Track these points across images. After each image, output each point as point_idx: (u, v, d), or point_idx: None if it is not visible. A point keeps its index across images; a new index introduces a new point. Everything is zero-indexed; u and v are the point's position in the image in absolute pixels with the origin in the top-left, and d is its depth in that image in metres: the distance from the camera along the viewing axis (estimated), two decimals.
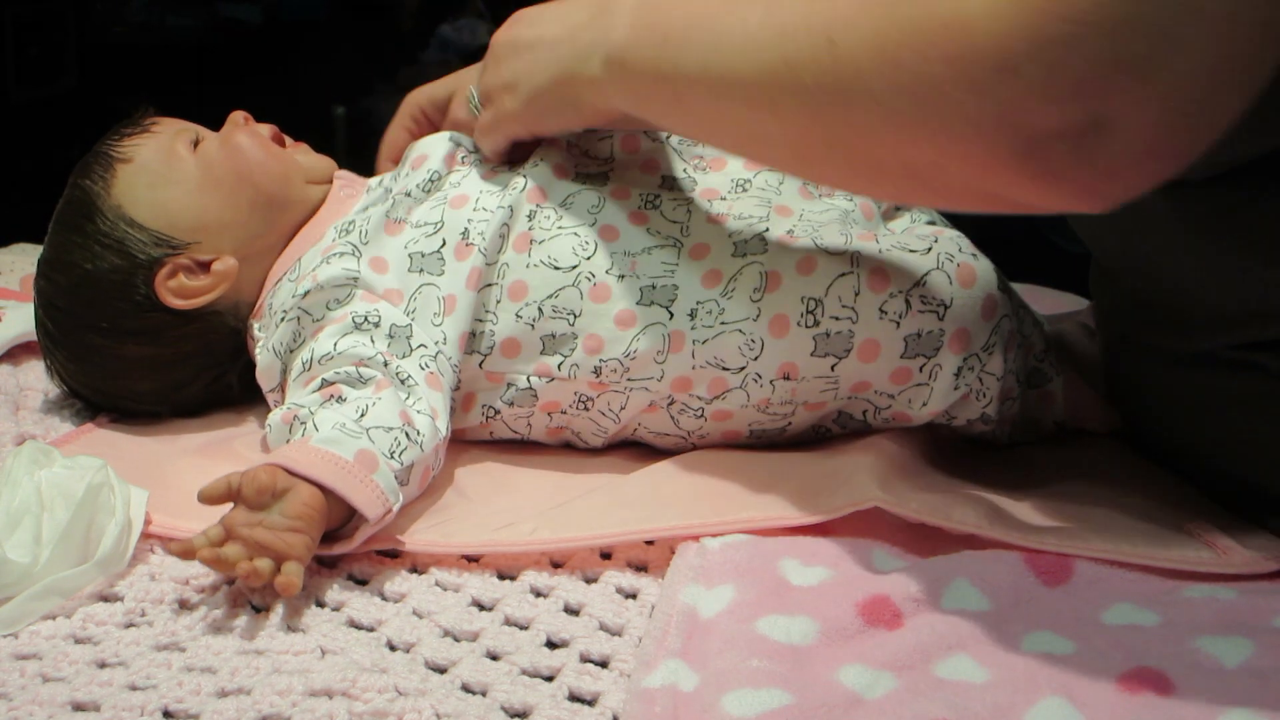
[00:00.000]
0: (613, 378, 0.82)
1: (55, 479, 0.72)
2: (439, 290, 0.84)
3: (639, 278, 0.82)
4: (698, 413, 0.83)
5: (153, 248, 0.89)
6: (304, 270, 0.87)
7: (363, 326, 0.82)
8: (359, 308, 0.83)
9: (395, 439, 0.74)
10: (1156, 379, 0.78)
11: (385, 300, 0.84)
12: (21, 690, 0.61)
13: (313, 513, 0.69)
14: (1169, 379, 0.77)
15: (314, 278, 0.85)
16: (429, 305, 0.84)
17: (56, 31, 2.65)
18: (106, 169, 0.91)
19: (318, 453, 0.71)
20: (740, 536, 0.72)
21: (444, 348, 0.83)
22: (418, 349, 0.82)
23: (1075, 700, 0.57)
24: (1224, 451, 0.74)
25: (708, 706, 0.57)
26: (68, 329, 0.91)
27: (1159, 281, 0.75)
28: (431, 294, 0.84)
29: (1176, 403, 0.77)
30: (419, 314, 0.84)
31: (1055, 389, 0.86)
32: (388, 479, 0.72)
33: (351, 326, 0.82)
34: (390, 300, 0.84)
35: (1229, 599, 0.65)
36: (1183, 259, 0.72)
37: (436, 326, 0.83)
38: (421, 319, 0.83)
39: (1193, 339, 0.73)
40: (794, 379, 0.80)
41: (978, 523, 0.71)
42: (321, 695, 0.60)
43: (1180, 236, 0.71)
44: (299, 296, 0.85)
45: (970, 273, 0.79)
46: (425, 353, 0.82)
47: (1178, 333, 0.75)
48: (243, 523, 0.68)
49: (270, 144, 0.94)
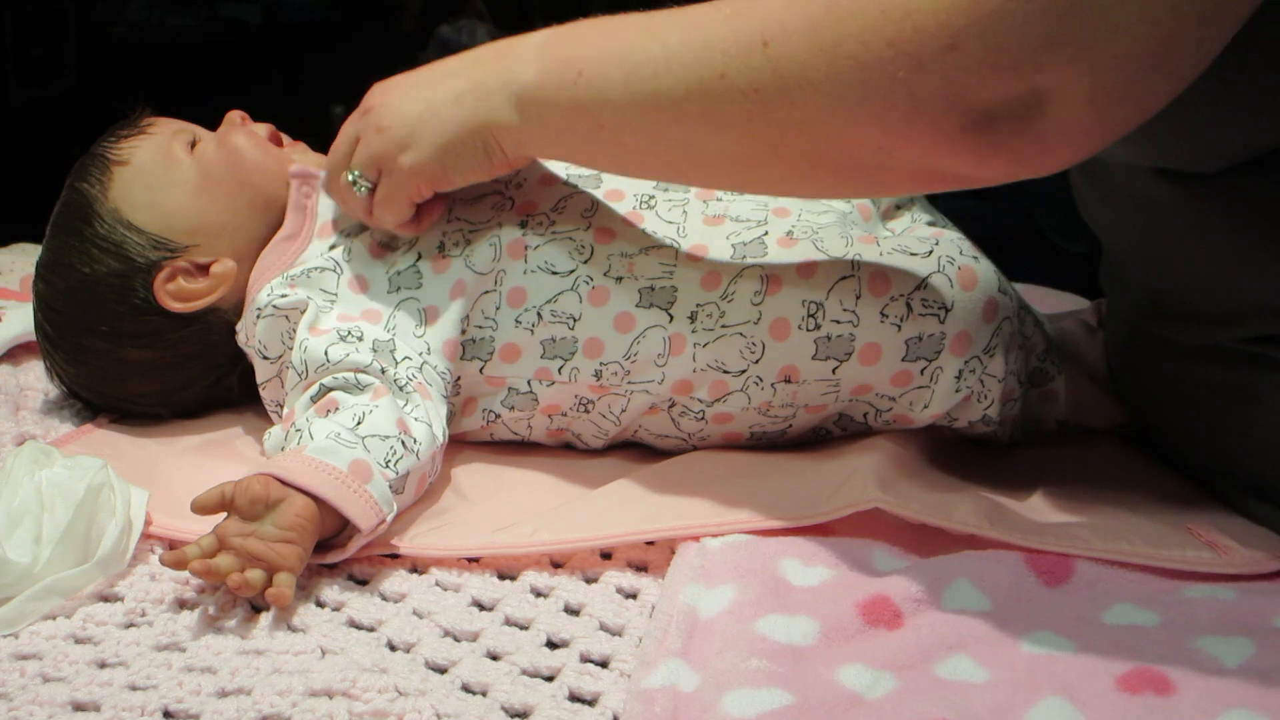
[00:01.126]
0: (613, 380, 0.82)
1: (55, 479, 0.72)
2: (419, 303, 0.84)
3: (637, 279, 0.82)
4: (698, 415, 0.83)
5: (151, 251, 0.89)
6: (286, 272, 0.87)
7: (348, 339, 0.82)
8: (340, 325, 0.83)
9: (391, 448, 0.74)
10: (1166, 372, 0.78)
11: (365, 320, 0.84)
12: (22, 690, 0.61)
13: (306, 523, 0.69)
14: (1178, 371, 0.77)
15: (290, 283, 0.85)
16: (409, 320, 0.84)
17: (56, 31, 2.65)
18: (103, 172, 0.90)
19: (311, 463, 0.71)
20: (741, 536, 0.72)
21: (429, 357, 0.82)
22: (402, 361, 0.82)
23: (1075, 700, 0.57)
24: (1232, 445, 0.74)
25: (708, 706, 0.57)
26: (67, 332, 0.91)
27: (1173, 274, 0.75)
28: (412, 307, 0.84)
29: (1186, 396, 0.77)
30: (399, 329, 0.83)
31: (1057, 387, 0.86)
32: (381, 489, 0.72)
33: (337, 338, 0.82)
34: (369, 320, 0.84)
35: (1229, 599, 0.65)
36: (1197, 251, 0.72)
37: (419, 338, 0.83)
38: (403, 333, 0.83)
39: (1204, 332, 0.74)
40: (795, 382, 0.80)
41: (978, 523, 0.71)
42: (322, 695, 0.60)
43: (1196, 229, 0.71)
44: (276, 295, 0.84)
45: (971, 275, 0.79)
46: (410, 365, 0.82)
47: (1189, 326, 0.75)
48: (235, 533, 0.68)
49: (268, 144, 0.93)
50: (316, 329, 0.83)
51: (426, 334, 0.83)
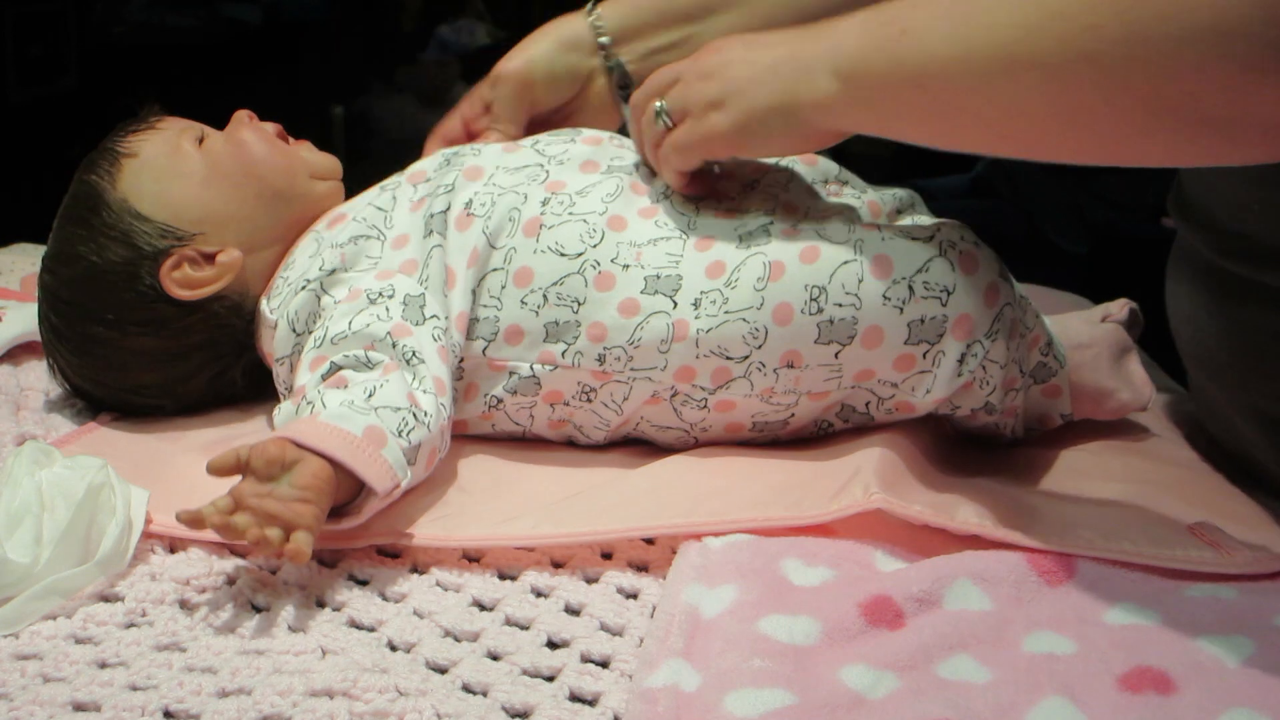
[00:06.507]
0: (616, 366, 0.82)
1: (56, 479, 0.72)
2: (445, 256, 0.85)
3: (643, 268, 0.83)
4: (700, 403, 0.83)
5: (158, 239, 0.89)
6: (324, 245, 0.88)
7: (377, 301, 0.83)
8: (373, 285, 0.84)
9: (403, 419, 0.75)
10: (1221, 307, 0.78)
11: (401, 273, 0.85)
12: (22, 690, 0.61)
13: (321, 484, 0.69)
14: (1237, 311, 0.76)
15: (341, 255, 0.86)
16: (439, 273, 0.85)
17: (56, 31, 2.65)
18: (112, 164, 0.92)
19: (326, 427, 0.72)
20: (742, 536, 0.72)
21: (450, 324, 0.84)
22: (430, 319, 0.83)
23: (1077, 700, 0.57)
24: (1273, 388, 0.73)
25: (710, 706, 0.57)
26: (73, 321, 0.92)
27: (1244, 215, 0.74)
28: (439, 259, 0.85)
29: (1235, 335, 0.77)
30: (431, 282, 0.85)
31: (1060, 382, 0.86)
32: (396, 454, 0.73)
33: (366, 303, 0.83)
34: (406, 271, 0.85)
35: (1230, 598, 0.65)
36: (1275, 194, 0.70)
37: (445, 299, 0.84)
38: (434, 288, 0.84)
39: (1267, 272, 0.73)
40: (798, 367, 0.80)
41: (980, 523, 0.71)
42: (322, 695, 0.60)
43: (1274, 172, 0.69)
44: (324, 272, 0.86)
45: (973, 260, 0.79)
46: (438, 324, 0.83)
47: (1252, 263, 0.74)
48: (251, 493, 0.68)
49: (275, 139, 0.95)
50: (352, 292, 0.84)
51: (450, 297, 0.84)
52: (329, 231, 0.90)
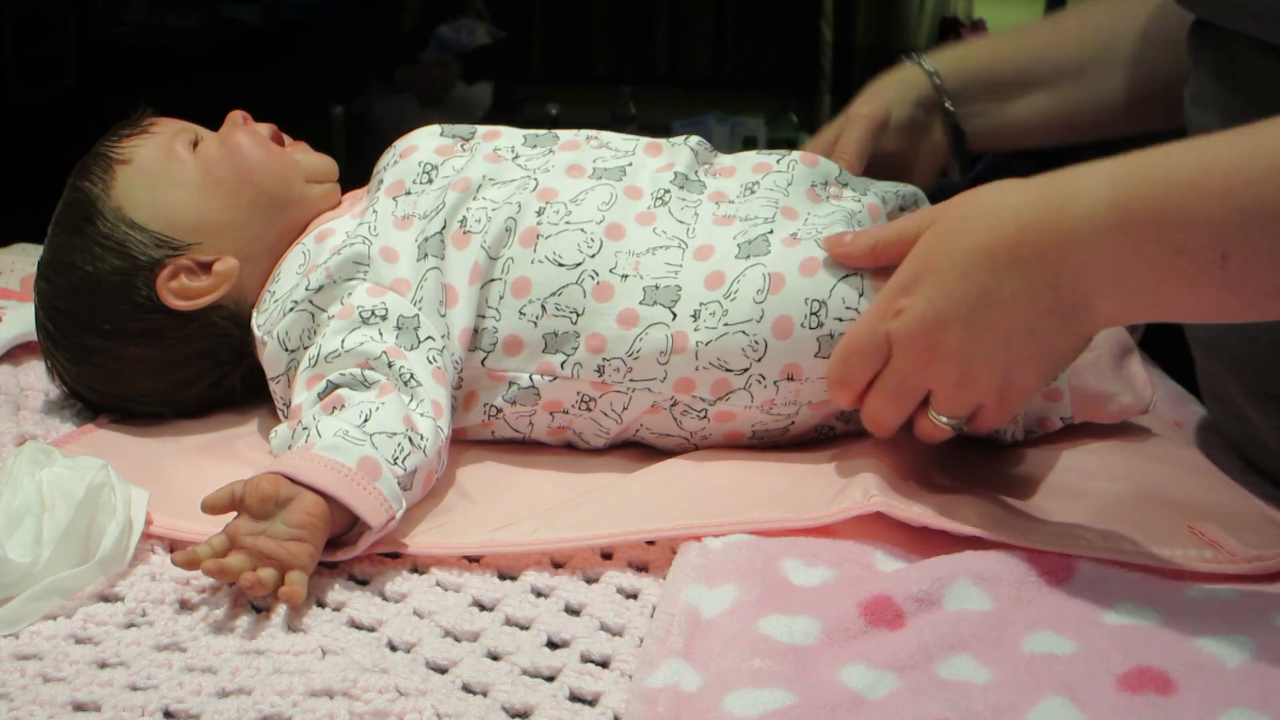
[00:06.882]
0: (615, 377, 0.82)
1: (56, 479, 0.72)
2: (442, 276, 0.84)
3: (642, 277, 0.82)
4: (700, 414, 0.83)
5: (153, 249, 0.88)
6: (312, 261, 0.87)
7: (370, 320, 0.82)
8: (366, 301, 0.83)
9: (399, 444, 0.74)
10: None
11: (393, 290, 0.84)
12: (22, 690, 0.61)
13: (316, 521, 0.69)
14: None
15: (326, 270, 0.85)
16: (435, 293, 0.84)
17: (56, 32, 2.66)
18: (106, 170, 0.90)
19: (321, 460, 0.71)
20: (743, 536, 0.72)
21: (448, 342, 0.83)
22: (425, 341, 0.82)
23: (1077, 700, 0.57)
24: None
25: (710, 706, 0.57)
26: (69, 331, 0.91)
27: None
28: (436, 280, 0.84)
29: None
30: (425, 303, 0.83)
31: (1061, 385, 0.86)
32: (391, 486, 0.72)
33: (359, 321, 0.82)
34: (398, 290, 0.84)
35: (1230, 598, 0.65)
36: None
37: (442, 318, 0.83)
38: (429, 309, 0.83)
39: None
40: (798, 379, 0.80)
41: (980, 525, 0.71)
42: (322, 695, 0.60)
43: None
44: (311, 290, 0.84)
45: None
46: (433, 346, 0.82)
47: None
48: (246, 532, 0.68)
49: (270, 143, 0.93)
50: (345, 308, 0.83)
51: (449, 315, 0.83)
52: (316, 246, 0.88)
